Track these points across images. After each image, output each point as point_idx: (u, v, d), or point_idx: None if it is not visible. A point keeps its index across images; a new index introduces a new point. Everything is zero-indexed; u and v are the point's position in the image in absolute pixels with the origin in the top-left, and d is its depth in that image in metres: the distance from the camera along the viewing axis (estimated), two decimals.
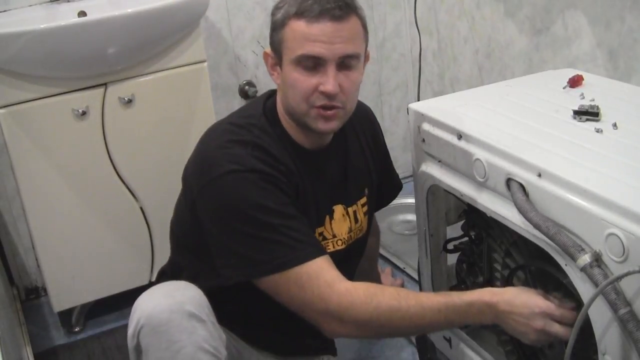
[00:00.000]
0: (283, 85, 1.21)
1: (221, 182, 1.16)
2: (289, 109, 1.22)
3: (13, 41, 1.58)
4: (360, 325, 1.14)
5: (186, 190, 1.27)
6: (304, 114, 1.19)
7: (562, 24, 1.69)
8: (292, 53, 1.16)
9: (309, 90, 1.16)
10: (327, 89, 1.15)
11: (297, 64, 1.16)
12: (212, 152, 1.21)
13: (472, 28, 2.03)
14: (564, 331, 1.08)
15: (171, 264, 1.40)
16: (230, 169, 1.15)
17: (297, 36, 1.15)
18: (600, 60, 1.60)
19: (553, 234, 1.00)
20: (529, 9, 1.78)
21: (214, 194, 1.17)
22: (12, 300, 1.96)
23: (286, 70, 1.18)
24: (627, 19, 1.50)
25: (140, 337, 1.09)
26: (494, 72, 1.98)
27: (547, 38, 1.75)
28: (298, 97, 1.18)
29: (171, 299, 1.10)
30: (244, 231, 1.14)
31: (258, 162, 1.17)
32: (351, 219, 1.35)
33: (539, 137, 1.17)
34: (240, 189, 1.15)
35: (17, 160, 1.70)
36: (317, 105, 1.18)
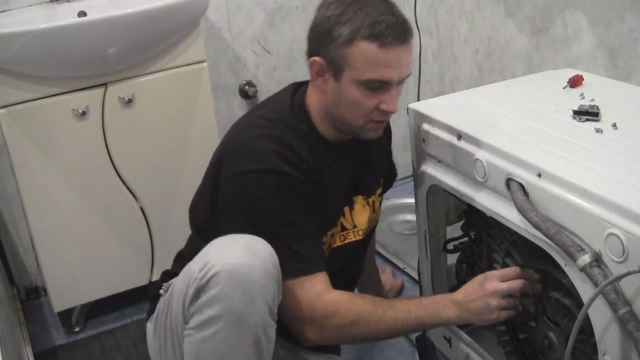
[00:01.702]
0: (334, 97, 1.22)
1: (243, 179, 1.19)
2: (336, 118, 1.24)
3: (13, 41, 1.58)
4: (341, 330, 1.20)
5: (213, 174, 1.27)
6: (358, 127, 1.23)
7: (562, 24, 1.69)
8: (359, 74, 1.16)
9: (370, 109, 1.20)
10: (390, 109, 1.19)
11: (362, 85, 1.17)
12: (240, 145, 1.24)
13: (472, 28, 2.03)
14: (512, 284, 1.18)
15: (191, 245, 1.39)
16: (253, 168, 1.19)
17: (369, 60, 1.15)
18: (600, 60, 1.60)
19: (553, 234, 1.00)
20: (529, 9, 1.78)
21: (234, 188, 1.21)
22: (12, 300, 1.96)
23: (346, 87, 1.18)
24: (627, 19, 1.50)
25: (212, 281, 1.07)
26: (494, 72, 1.98)
27: (547, 38, 1.75)
28: (357, 115, 1.21)
29: (252, 253, 1.09)
30: (253, 232, 1.15)
31: (281, 161, 1.19)
32: (370, 209, 1.39)
33: (539, 137, 1.17)
34: (259, 190, 1.19)
35: (17, 160, 1.70)
36: (373, 121, 1.22)
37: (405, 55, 1.18)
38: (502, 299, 1.18)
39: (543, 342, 1.22)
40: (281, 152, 1.20)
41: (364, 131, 1.24)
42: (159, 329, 1.27)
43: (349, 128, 1.25)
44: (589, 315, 0.99)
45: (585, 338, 1.08)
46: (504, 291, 1.18)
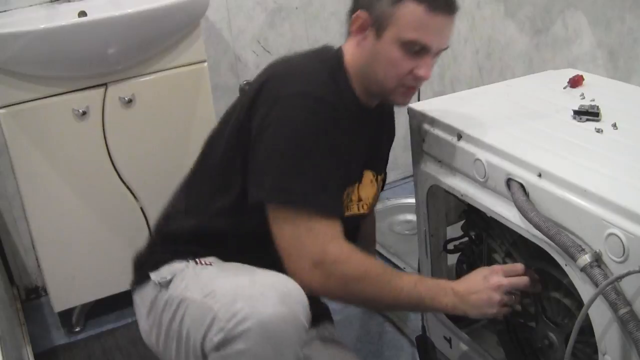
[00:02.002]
0: (372, 54, 1.21)
1: (297, 101, 1.16)
2: (369, 77, 1.23)
3: (13, 41, 1.58)
4: (347, 282, 1.15)
5: (247, 106, 1.22)
6: (390, 89, 1.22)
7: (562, 24, 1.69)
8: (401, 34, 1.16)
9: (405, 72, 1.19)
10: (424, 75, 1.19)
11: (403, 46, 1.17)
12: (293, 70, 1.23)
13: (472, 28, 2.03)
14: (516, 280, 1.17)
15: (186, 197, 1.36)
16: (310, 91, 1.17)
17: (414, 20, 1.15)
18: (600, 61, 1.60)
19: (553, 234, 1.00)
20: (529, 9, 1.78)
21: (285, 110, 1.16)
22: (13, 300, 1.96)
23: (386, 45, 1.18)
24: (627, 19, 1.50)
25: (243, 336, 1.05)
26: (494, 72, 1.98)
27: (547, 38, 1.75)
28: (391, 75, 1.20)
29: (286, 305, 1.06)
30: (289, 155, 1.14)
31: (335, 97, 1.19)
32: (376, 186, 1.38)
33: (539, 137, 1.17)
34: (313, 116, 1.16)
35: (17, 160, 1.70)
36: (404, 85, 1.21)
37: (448, 26, 1.19)
38: (504, 294, 1.17)
39: (543, 342, 1.22)
40: (334, 91, 1.20)
41: (394, 95, 1.23)
42: (158, 325, 1.25)
43: (380, 89, 1.23)
44: (589, 316, 0.99)
45: (585, 338, 1.08)
46: (508, 287, 1.17)
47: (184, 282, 1.21)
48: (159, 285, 1.24)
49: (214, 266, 1.24)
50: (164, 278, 1.24)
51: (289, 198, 1.15)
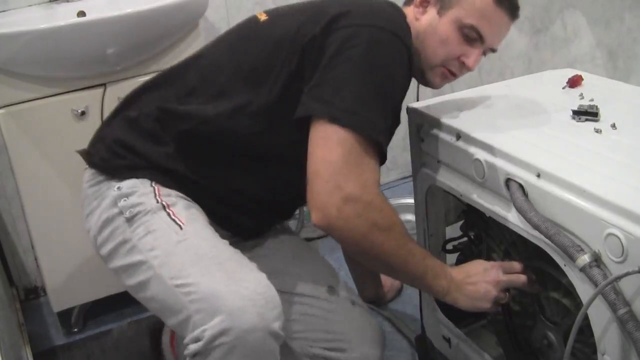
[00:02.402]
0: (429, 28, 1.22)
1: (382, 34, 1.15)
2: (419, 49, 1.23)
3: (13, 41, 1.58)
4: (372, 228, 1.11)
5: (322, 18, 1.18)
6: (432, 65, 1.24)
7: (562, 24, 1.69)
8: (465, 16, 1.19)
9: (454, 55, 1.22)
10: (470, 64, 1.22)
11: (460, 28, 1.20)
12: (380, 6, 1.23)
13: None
14: (515, 278, 1.18)
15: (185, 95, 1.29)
16: (394, 31, 1.16)
17: (481, 8, 1.19)
18: (599, 60, 1.60)
19: (552, 234, 1.00)
20: (528, 9, 1.78)
21: (368, 38, 1.14)
22: (12, 300, 1.96)
23: (445, 23, 1.21)
24: (626, 19, 1.50)
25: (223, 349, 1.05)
26: (493, 72, 1.98)
27: (546, 38, 1.75)
28: (440, 53, 1.22)
29: (265, 322, 1.07)
30: (372, 83, 1.12)
31: (409, 39, 1.19)
32: None
33: (538, 137, 1.17)
34: (393, 54, 1.15)
35: (17, 160, 1.70)
36: (447, 67, 1.23)
37: (506, 26, 1.24)
38: (500, 291, 1.18)
39: (542, 342, 1.22)
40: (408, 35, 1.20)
41: (433, 72, 1.25)
42: (111, 255, 1.24)
43: (423, 62, 1.24)
44: (588, 316, 0.99)
45: (584, 338, 1.08)
46: (506, 283, 1.18)
47: (151, 236, 1.17)
48: (120, 211, 1.21)
49: (183, 228, 1.17)
50: (127, 206, 1.20)
51: (359, 123, 1.10)
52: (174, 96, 1.27)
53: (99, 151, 1.30)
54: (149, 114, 1.26)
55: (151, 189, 1.23)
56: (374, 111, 1.12)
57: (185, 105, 1.25)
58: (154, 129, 1.25)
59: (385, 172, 2.52)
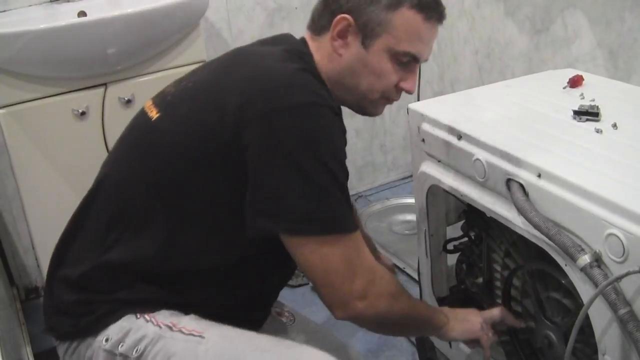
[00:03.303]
0: (355, 64, 1.09)
1: (301, 113, 0.98)
2: (348, 86, 1.11)
3: (13, 41, 1.58)
4: (392, 304, 1.06)
5: (224, 115, 0.99)
6: (370, 100, 1.14)
7: (562, 23, 1.69)
8: (397, 44, 1.07)
9: (393, 84, 1.11)
10: (410, 88, 1.13)
11: (394, 56, 1.08)
12: (284, 75, 1.02)
13: (472, 28, 2.03)
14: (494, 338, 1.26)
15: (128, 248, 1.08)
16: (312, 100, 0.99)
17: (411, 31, 1.07)
18: (600, 60, 1.60)
19: (553, 234, 1.00)
20: (529, 9, 1.78)
21: (287, 123, 0.97)
22: (12, 300, 1.96)
23: (375, 55, 1.08)
24: (627, 19, 1.50)
25: None
26: (494, 72, 1.98)
27: (547, 38, 1.75)
28: (376, 87, 1.11)
29: None
30: (309, 176, 0.97)
31: (331, 101, 1.04)
32: None
33: (539, 137, 1.17)
34: (321, 127, 0.99)
35: (17, 160, 1.70)
36: (386, 97, 1.14)
37: (435, 35, 1.12)
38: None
39: (543, 342, 1.22)
40: (327, 94, 1.05)
41: (373, 106, 1.15)
42: None
43: (358, 100, 1.14)
44: (589, 316, 0.99)
45: (585, 338, 1.08)
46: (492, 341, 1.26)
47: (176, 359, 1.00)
48: (125, 356, 1.02)
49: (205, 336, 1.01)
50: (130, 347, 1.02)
51: (326, 226, 0.99)
52: (98, 244, 1.08)
53: (62, 322, 1.09)
54: (90, 272, 1.07)
55: (142, 319, 1.04)
56: (335, 204, 0.99)
57: (117, 251, 1.06)
58: (108, 280, 1.06)
59: (385, 172, 2.52)
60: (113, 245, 1.06)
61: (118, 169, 1.12)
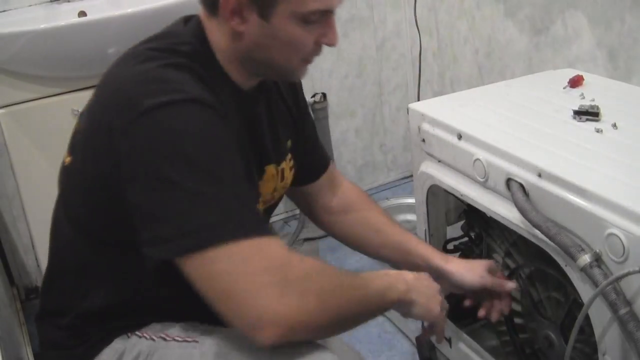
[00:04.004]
0: (262, 39, 0.97)
1: (153, 117, 0.85)
2: (261, 62, 1.00)
3: (13, 41, 1.58)
4: (324, 298, 0.87)
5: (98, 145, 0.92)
6: (292, 70, 1.02)
7: (562, 24, 1.69)
8: (299, 6, 0.94)
9: (310, 47, 0.99)
10: (333, 42, 0.99)
11: (302, 19, 0.95)
12: (136, 80, 0.91)
13: (472, 28, 2.03)
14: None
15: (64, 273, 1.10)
16: (167, 99, 0.86)
17: None
18: (600, 60, 1.60)
19: (553, 234, 1.00)
20: (529, 9, 1.78)
21: (142, 133, 0.85)
22: (12, 300, 1.96)
23: (281, 25, 0.95)
24: (627, 19, 1.50)
25: None
26: (494, 72, 1.98)
27: (547, 38, 1.75)
28: (294, 55, 0.99)
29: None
30: (178, 183, 0.84)
31: (202, 90, 0.91)
32: (278, 178, 1.13)
33: (539, 137, 1.17)
34: (181, 123, 0.86)
35: (17, 160, 1.70)
36: (308, 60, 1.01)
37: None
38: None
39: (543, 342, 1.22)
40: (198, 84, 0.92)
41: (297, 73, 1.04)
42: None
43: (277, 71, 1.02)
44: (589, 316, 0.99)
45: (585, 338, 1.08)
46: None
47: None
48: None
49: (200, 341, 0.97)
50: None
51: (206, 238, 0.83)
52: (73, 295, 1.05)
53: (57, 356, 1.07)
54: (75, 320, 1.04)
55: (134, 337, 1.01)
56: (212, 206, 0.84)
57: (91, 299, 1.02)
58: (95, 323, 1.03)
59: (385, 172, 2.52)
60: (86, 294, 1.02)
61: (56, 218, 1.11)
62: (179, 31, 1.03)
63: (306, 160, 1.22)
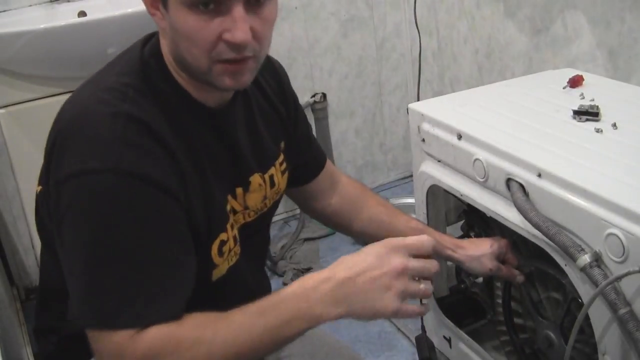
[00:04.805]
0: (171, 32, 0.87)
1: (74, 184, 0.83)
2: (182, 62, 0.89)
3: (13, 41, 1.58)
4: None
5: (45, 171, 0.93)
6: (204, 72, 0.87)
7: (562, 24, 1.69)
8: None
9: (211, 40, 0.84)
10: (236, 38, 0.83)
11: (192, 5, 0.82)
12: (72, 130, 0.89)
13: (472, 28, 2.03)
14: (430, 263, 0.84)
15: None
16: (89, 167, 0.83)
17: None
18: (600, 60, 1.60)
19: (553, 234, 1.00)
20: (528, 9, 1.78)
21: (64, 199, 0.84)
22: (12, 300, 1.96)
23: (174, 12, 0.84)
24: (627, 19, 1.50)
25: None
26: (494, 72, 1.98)
27: (547, 38, 1.75)
28: (196, 51, 0.85)
29: None
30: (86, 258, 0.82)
31: (131, 152, 0.83)
32: (267, 186, 1.05)
33: (539, 137, 1.17)
34: (96, 200, 0.82)
35: (17, 160, 1.70)
36: (222, 60, 0.85)
37: None
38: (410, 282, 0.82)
39: (543, 342, 1.22)
40: (131, 139, 0.84)
41: (214, 77, 0.87)
42: None
43: (199, 76, 0.89)
44: (589, 316, 0.99)
45: (585, 338, 1.08)
46: (416, 271, 0.83)
47: None
48: None
49: None
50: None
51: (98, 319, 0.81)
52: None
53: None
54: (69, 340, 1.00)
55: None
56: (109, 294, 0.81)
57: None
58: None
59: (385, 172, 2.52)
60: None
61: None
62: (133, 54, 0.94)
63: (302, 160, 1.17)
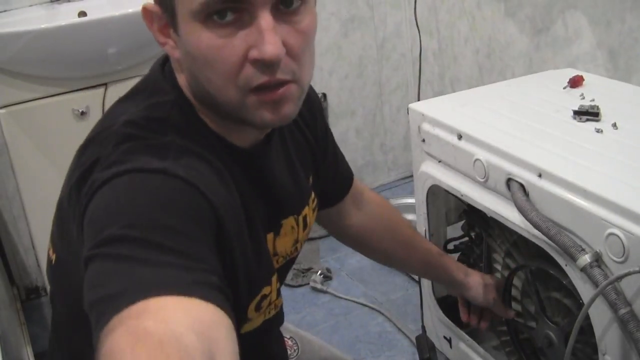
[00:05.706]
0: (187, 61, 0.72)
1: (113, 182, 0.68)
2: (207, 99, 0.74)
3: (13, 41, 1.58)
4: None
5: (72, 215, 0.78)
6: (237, 106, 0.71)
7: (563, 24, 1.69)
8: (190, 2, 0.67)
9: (233, 60, 0.68)
10: (264, 53, 0.66)
11: (204, 19, 0.67)
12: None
13: (472, 28, 2.03)
14: None
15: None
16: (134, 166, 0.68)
17: None
18: (600, 60, 1.59)
19: (553, 234, 1.00)
20: (529, 9, 1.78)
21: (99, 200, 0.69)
22: (13, 300, 1.96)
23: (187, 33, 0.69)
24: (627, 19, 1.50)
25: None
26: (494, 72, 1.98)
27: (547, 38, 1.75)
28: (217, 79, 0.69)
29: None
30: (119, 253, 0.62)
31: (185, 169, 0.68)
32: (299, 228, 0.93)
33: (539, 137, 1.17)
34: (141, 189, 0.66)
35: (17, 160, 1.70)
36: (254, 88, 0.69)
37: None
38: None
39: (543, 342, 1.22)
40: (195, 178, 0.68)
41: (249, 113, 0.71)
42: None
43: (229, 112, 0.73)
44: (589, 315, 0.99)
45: (585, 338, 1.08)
46: None
47: None
48: None
49: None
50: None
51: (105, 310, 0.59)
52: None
53: None
54: None
55: None
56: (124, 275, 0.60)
57: None
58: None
59: (385, 172, 2.52)
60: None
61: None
62: (157, 84, 0.79)
63: (329, 186, 1.05)
